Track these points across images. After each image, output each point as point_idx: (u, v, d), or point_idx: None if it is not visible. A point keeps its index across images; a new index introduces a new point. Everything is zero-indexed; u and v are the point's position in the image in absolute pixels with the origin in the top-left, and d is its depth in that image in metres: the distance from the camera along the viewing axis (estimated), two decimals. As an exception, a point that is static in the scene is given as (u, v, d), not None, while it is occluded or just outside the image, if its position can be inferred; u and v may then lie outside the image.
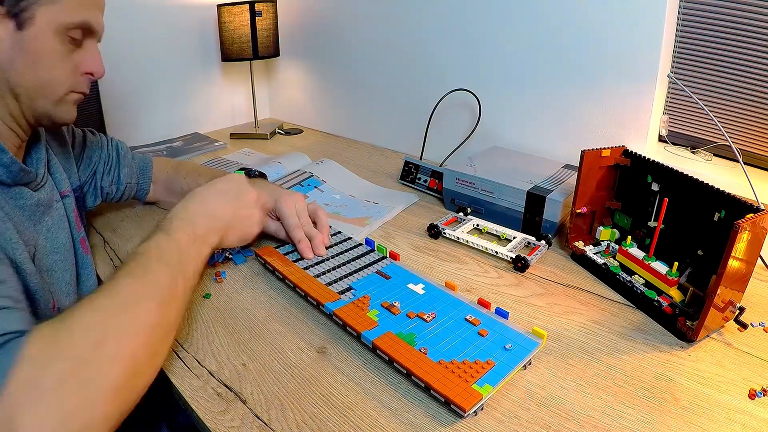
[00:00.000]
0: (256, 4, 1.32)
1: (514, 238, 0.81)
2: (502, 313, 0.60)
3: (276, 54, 1.44)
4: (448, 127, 1.20)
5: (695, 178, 0.64)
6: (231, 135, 1.48)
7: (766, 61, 0.81)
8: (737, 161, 0.73)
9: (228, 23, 1.33)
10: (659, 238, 0.68)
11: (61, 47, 0.58)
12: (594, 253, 0.75)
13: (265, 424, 0.48)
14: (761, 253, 0.61)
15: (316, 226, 0.78)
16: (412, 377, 0.52)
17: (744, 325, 0.59)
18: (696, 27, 0.87)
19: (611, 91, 0.94)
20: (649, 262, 0.68)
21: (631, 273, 0.70)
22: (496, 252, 0.78)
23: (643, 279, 0.68)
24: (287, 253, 0.74)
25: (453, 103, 1.16)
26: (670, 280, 0.64)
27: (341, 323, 0.60)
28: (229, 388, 0.53)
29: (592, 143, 0.97)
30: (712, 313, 0.56)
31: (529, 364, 0.55)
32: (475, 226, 0.87)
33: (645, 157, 0.72)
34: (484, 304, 0.62)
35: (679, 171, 0.67)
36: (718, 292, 0.54)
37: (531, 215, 0.83)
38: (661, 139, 0.98)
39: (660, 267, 0.67)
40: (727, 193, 0.60)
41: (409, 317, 0.60)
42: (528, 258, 0.74)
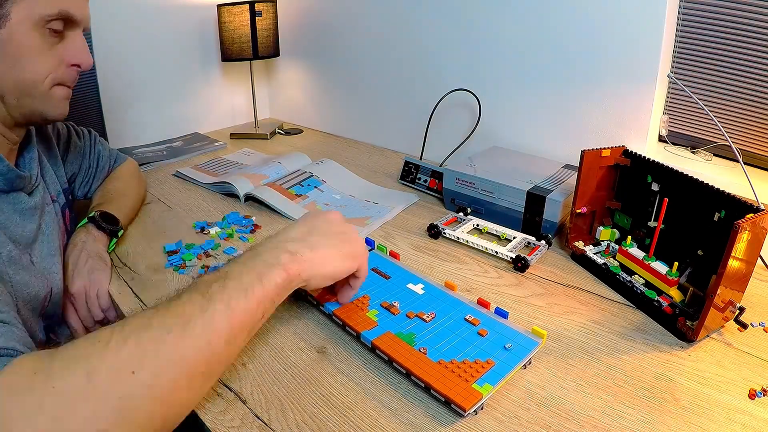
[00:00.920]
0: (256, 4, 1.32)
1: (514, 238, 0.81)
2: (501, 312, 0.60)
3: (276, 54, 1.44)
4: (448, 127, 1.20)
5: (695, 178, 0.64)
6: (231, 135, 1.48)
7: (766, 61, 0.81)
8: (737, 161, 0.73)
9: (228, 23, 1.33)
10: (659, 238, 0.68)
11: (41, 41, 0.56)
12: (594, 253, 0.75)
13: (265, 424, 0.48)
14: (761, 253, 0.61)
15: None
16: (412, 377, 0.52)
17: (744, 325, 0.59)
18: (696, 27, 0.87)
19: (611, 91, 0.94)
20: (649, 262, 0.68)
21: (631, 273, 0.70)
22: (496, 252, 0.78)
23: (643, 279, 0.68)
24: None
25: (453, 103, 1.16)
26: (670, 280, 0.64)
27: (341, 323, 0.60)
28: (229, 388, 0.53)
29: (592, 143, 0.97)
30: (712, 313, 0.56)
31: (529, 364, 0.55)
32: (475, 226, 0.87)
33: (645, 157, 0.72)
34: (483, 304, 0.62)
35: (679, 171, 0.67)
36: (718, 292, 0.54)
37: (531, 215, 0.83)
38: (661, 139, 0.98)
39: (660, 267, 0.67)
40: (727, 193, 0.60)
41: (409, 317, 0.60)
42: (528, 258, 0.74)
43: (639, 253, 0.70)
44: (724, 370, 0.55)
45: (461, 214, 0.90)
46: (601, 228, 0.78)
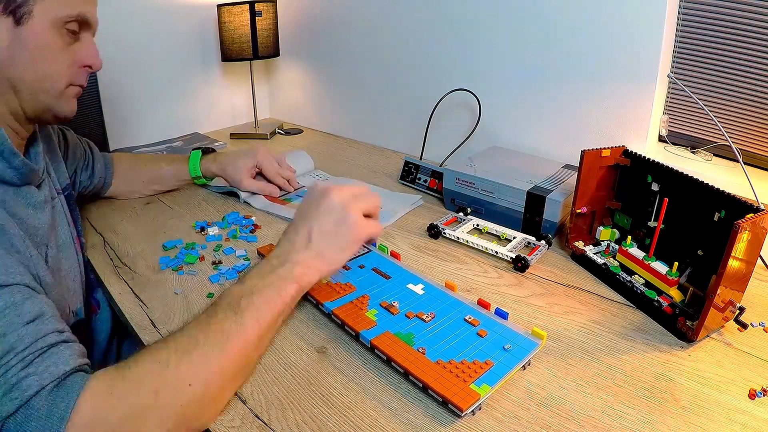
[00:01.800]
0: (256, 4, 1.32)
1: (514, 238, 0.81)
2: (501, 313, 0.60)
3: (276, 54, 1.44)
4: (448, 127, 1.20)
5: (695, 178, 0.64)
6: (231, 135, 1.48)
7: (766, 61, 0.81)
8: (737, 161, 0.73)
9: (228, 23, 1.33)
10: (659, 238, 0.68)
11: (59, 41, 0.59)
12: (594, 253, 0.75)
13: (265, 424, 0.48)
14: (761, 253, 0.61)
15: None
16: (410, 377, 0.52)
17: (744, 325, 0.59)
18: (696, 27, 0.87)
19: (611, 91, 0.94)
20: (649, 262, 0.68)
21: (631, 273, 0.70)
22: (496, 252, 0.78)
23: (643, 279, 0.68)
24: None
25: (453, 103, 1.16)
26: (670, 280, 0.64)
27: (340, 322, 0.60)
28: (229, 388, 0.53)
29: (592, 143, 0.97)
30: (712, 313, 0.56)
31: (528, 365, 0.55)
32: (475, 226, 0.87)
33: (645, 157, 0.72)
34: (483, 304, 0.62)
35: (679, 171, 0.67)
36: (718, 292, 0.54)
37: (531, 215, 0.83)
38: (661, 139, 0.98)
39: (660, 267, 0.67)
40: (727, 193, 0.60)
41: (408, 317, 0.60)
42: (528, 258, 0.74)
43: (639, 253, 0.70)
44: (724, 370, 0.55)
45: (461, 214, 0.90)
46: (601, 228, 0.78)
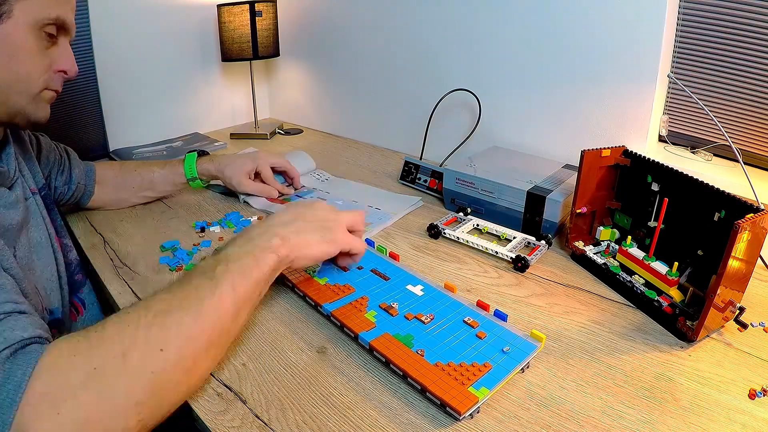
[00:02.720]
0: (256, 4, 1.32)
1: (514, 238, 0.81)
2: (500, 315, 0.60)
3: (276, 54, 1.44)
4: (448, 127, 1.20)
5: (695, 178, 0.64)
6: (231, 135, 1.48)
7: (766, 61, 0.81)
8: (737, 161, 0.73)
9: (228, 23, 1.33)
10: (659, 238, 0.68)
11: (36, 43, 0.58)
12: (594, 253, 0.75)
13: (265, 424, 0.48)
14: (761, 253, 0.61)
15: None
16: (408, 379, 0.52)
17: (744, 325, 0.59)
18: (696, 27, 0.87)
19: (611, 91, 0.94)
20: (649, 262, 0.68)
21: (631, 273, 0.70)
22: (496, 252, 0.78)
23: (643, 279, 0.68)
24: None
25: (453, 103, 1.16)
26: (670, 280, 0.64)
27: (339, 324, 0.60)
28: (229, 388, 0.53)
29: (592, 143, 0.97)
30: (712, 313, 0.56)
31: (527, 367, 0.55)
32: (475, 226, 0.87)
33: (645, 157, 0.72)
34: (483, 306, 0.62)
35: (679, 171, 0.67)
36: (718, 292, 0.54)
37: (531, 215, 0.83)
38: (661, 139, 0.98)
39: (660, 267, 0.67)
40: (727, 193, 0.60)
41: (407, 318, 0.60)
42: (528, 258, 0.74)
43: (639, 253, 0.70)
44: (724, 370, 0.55)
45: (461, 214, 0.90)
46: (601, 228, 0.78)
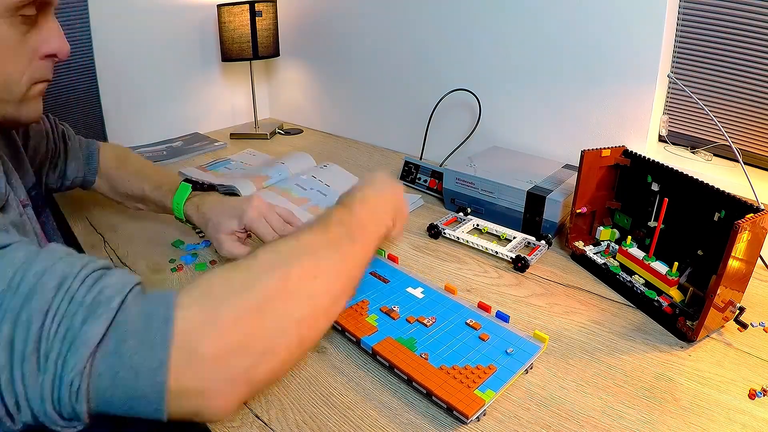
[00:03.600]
0: (256, 4, 1.32)
1: (514, 238, 0.81)
2: (502, 316, 0.60)
3: (276, 54, 1.44)
4: (448, 127, 1.20)
5: (695, 178, 0.64)
6: (231, 135, 1.48)
7: (766, 61, 0.81)
8: (737, 161, 0.73)
9: (228, 23, 1.33)
10: (659, 238, 0.68)
11: (11, 32, 0.46)
12: (594, 253, 0.75)
13: (265, 424, 0.48)
14: (761, 253, 0.61)
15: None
16: (413, 383, 0.51)
17: (744, 325, 0.59)
18: (696, 27, 0.87)
19: (611, 91, 0.94)
20: (649, 262, 0.68)
21: (631, 273, 0.70)
22: (496, 252, 0.78)
23: (643, 279, 0.68)
24: None
25: (453, 103, 1.16)
26: (670, 280, 0.64)
27: (340, 329, 0.60)
28: (229, 388, 0.52)
29: (592, 143, 0.96)
30: (712, 313, 0.56)
31: (530, 368, 0.55)
32: (475, 226, 0.87)
33: (645, 157, 0.72)
34: (484, 307, 0.62)
35: (679, 171, 0.67)
36: (718, 292, 0.54)
37: (531, 215, 0.83)
38: (661, 139, 0.98)
39: (660, 267, 0.67)
40: (727, 193, 0.60)
41: (409, 322, 0.60)
42: (528, 258, 0.74)
43: (639, 253, 0.70)
44: (724, 370, 0.55)
45: (461, 214, 0.90)
46: (601, 228, 0.78)
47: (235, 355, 0.36)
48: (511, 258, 0.76)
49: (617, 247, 0.74)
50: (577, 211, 0.76)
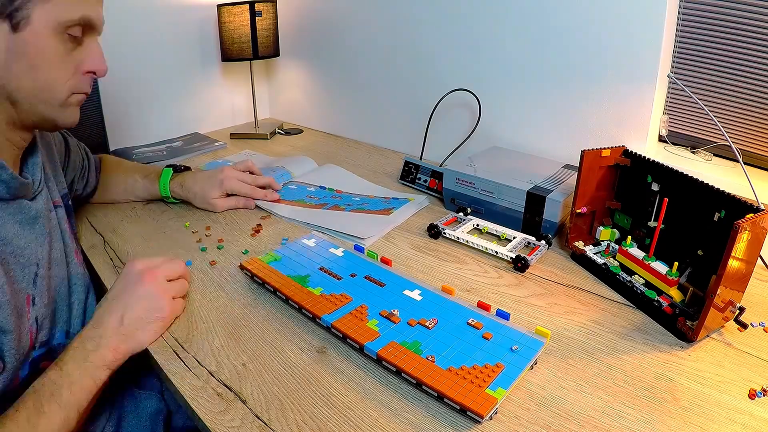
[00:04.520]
0: (256, 4, 1.32)
1: (514, 238, 0.81)
2: (503, 314, 0.60)
3: (276, 54, 1.44)
4: (448, 127, 1.20)
5: (695, 178, 0.64)
6: (231, 135, 1.48)
7: (766, 61, 0.81)
8: (737, 161, 0.73)
9: (228, 23, 1.33)
10: (659, 238, 0.68)
11: (60, 47, 0.54)
12: (594, 253, 0.75)
13: (265, 424, 0.48)
14: (761, 253, 0.61)
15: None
16: (423, 387, 0.51)
17: (744, 325, 0.59)
18: (696, 27, 0.87)
19: (611, 91, 0.94)
20: (649, 262, 0.68)
21: (631, 273, 0.70)
22: (496, 252, 0.78)
23: (643, 279, 0.68)
24: (272, 261, 0.72)
25: (453, 103, 1.16)
26: (670, 280, 0.64)
27: (341, 335, 0.59)
28: (229, 388, 0.53)
29: (592, 143, 0.97)
30: (712, 313, 0.56)
31: (535, 364, 0.55)
32: (475, 226, 0.87)
33: (645, 157, 0.72)
34: (483, 306, 0.62)
35: (679, 171, 0.67)
36: (718, 292, 0.54)
37: (531, 215, 0.83)
38: (661, 139, 0.98)
39: (660, 267, 0.67)
40: (727, 193, 0.60)
41: (411, 325, 0.59)
42: (528, 258, 0.74)
43: (639, 253, 0.70)
44: (724, 370, 0.55)
45: (461, 214, 0.90)
46: (601, 228, 0.78)
47: None
48: (511, 258, 0.76)
49: (617, 247, 0.74)
50: (577, 211, 0.76)
